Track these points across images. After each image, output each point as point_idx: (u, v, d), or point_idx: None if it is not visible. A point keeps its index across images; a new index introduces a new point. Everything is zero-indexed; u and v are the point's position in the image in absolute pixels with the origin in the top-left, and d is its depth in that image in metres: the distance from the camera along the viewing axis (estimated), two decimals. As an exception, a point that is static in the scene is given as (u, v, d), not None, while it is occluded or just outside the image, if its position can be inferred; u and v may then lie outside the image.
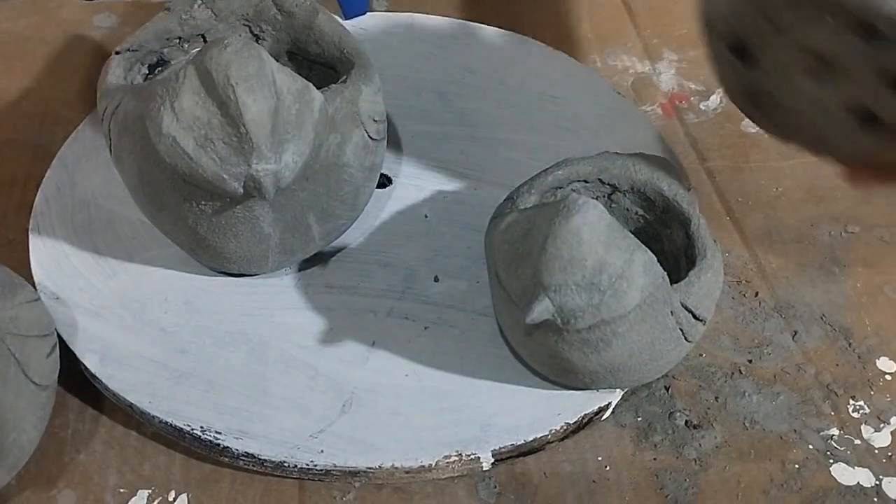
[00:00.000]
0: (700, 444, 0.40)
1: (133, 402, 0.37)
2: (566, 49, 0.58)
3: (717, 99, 0.57)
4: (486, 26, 0.57)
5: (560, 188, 0.40)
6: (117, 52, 0.40)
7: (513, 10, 0.62)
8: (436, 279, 0.43)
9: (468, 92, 0.52)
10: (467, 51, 0.55)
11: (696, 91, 0.57)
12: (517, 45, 0.56)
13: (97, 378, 0.38)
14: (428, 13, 0.58)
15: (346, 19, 0.56)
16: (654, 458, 0.39)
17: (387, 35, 0.56)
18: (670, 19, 0.62)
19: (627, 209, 0.41)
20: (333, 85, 0.38)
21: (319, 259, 0.43)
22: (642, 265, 0.33)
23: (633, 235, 0.34)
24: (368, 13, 0.57)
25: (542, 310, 0.32)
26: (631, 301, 0.32)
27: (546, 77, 0.53)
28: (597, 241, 0.32)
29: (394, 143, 0.49)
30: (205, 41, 0.43)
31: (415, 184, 0.47)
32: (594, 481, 0.38)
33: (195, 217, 0.36)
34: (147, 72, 0.42)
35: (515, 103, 0.52)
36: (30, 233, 0.43)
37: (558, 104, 0.52)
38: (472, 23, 0.57)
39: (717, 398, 0.42)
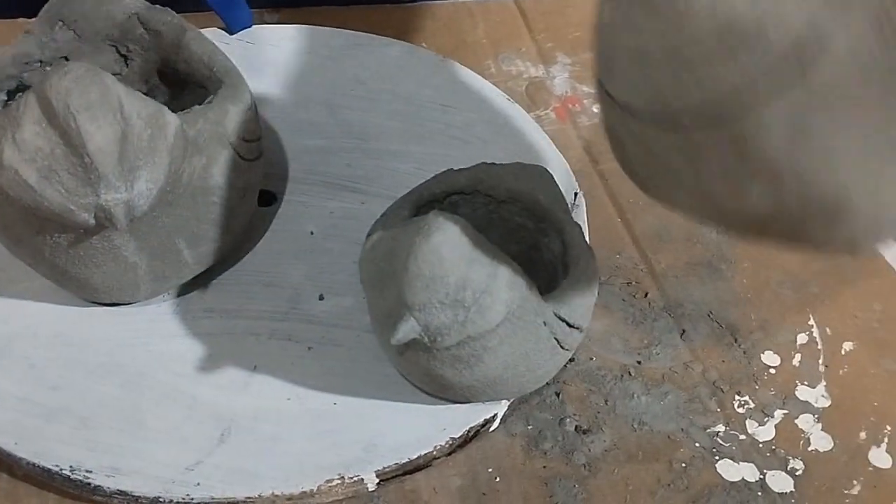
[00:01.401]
0: (589, 449, 0.40)
1: (-3, 444, 0.35)
2: (460, 55, 0.58)
3: (609, 101, 0.57)
4: (377, 36, 0.56)
5: (437, 202, 0.40)
6: (-29, 80, 0.39)
7: (405, 18, 0.61)
8: (321, 297, 0.42)
9: (357, 103, 0.52)
10: (357, 61, 0.54)
11: (589, 94, 0.57)
12: (407, 55, 0.55)
13: (-42, 422, 0.36)
14: (318, 24, 0.57)
15: (233, 33, 0.55)
16: (545, 466, 0.39)
17: (275, 48, 0.55)
18: (564, 23, 0.62)
19: (507, 219, 0.40)
20: (196, 106, 0.37)
21: (199, 282, 0.42)
22: (507, 279, 0.33)
23: (499, 249, 0.33)
24: (256, 25, 0.56)
25: (407, 329, 0.32)
26: (496, 316, 0.32)
27: (436, 86, 0.53)
28: (458, 257, 0.32)
29: (280, 158, 0.48)
30: (69, 63, 0.42)
31: (300, 200, 0.46)
32: (484, 493, 0.38)
33: (51, 250, 0.35)
34: (6, 98, 0.40)
35: (405, 113, 0.51)
36: None
37: (448, 113, 0.52)
38: (362, 33, 0.56)
39: (606, 401, 0.42)
